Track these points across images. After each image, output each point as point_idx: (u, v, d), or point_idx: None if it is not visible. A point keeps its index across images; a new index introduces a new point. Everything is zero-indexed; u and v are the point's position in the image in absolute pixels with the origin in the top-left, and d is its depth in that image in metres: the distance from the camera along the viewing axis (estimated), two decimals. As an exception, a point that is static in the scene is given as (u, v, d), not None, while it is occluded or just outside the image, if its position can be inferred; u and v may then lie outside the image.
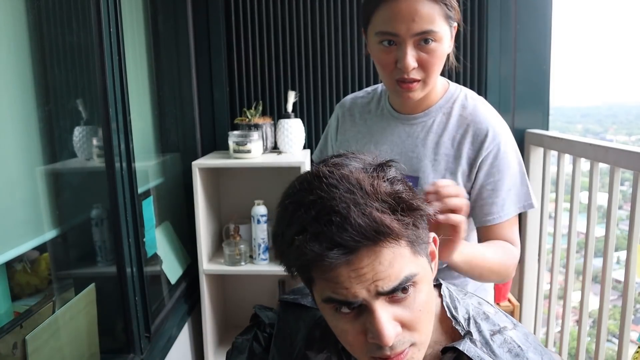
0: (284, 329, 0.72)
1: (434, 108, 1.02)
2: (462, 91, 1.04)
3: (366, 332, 0.57)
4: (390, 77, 0.94)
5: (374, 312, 0.55)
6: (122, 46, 1.35)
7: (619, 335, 1.41)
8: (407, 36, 0.88)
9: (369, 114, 1.09)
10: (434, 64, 0.92)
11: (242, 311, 2.24)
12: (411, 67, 0.89)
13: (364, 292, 0.55)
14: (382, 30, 0.90)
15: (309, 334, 0.70)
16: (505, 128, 1.01)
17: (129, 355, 1.40)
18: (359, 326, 0.57)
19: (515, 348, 0.65)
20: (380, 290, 0.55)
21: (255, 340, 0.74)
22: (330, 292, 0.56)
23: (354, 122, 1.11)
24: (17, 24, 1.10)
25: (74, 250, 1.38)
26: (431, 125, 1.01)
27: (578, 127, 9.55)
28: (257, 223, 1.89)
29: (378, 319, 0.55)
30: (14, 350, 0.96)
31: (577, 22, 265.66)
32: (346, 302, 0.55)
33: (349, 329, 0.57)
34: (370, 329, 0.56)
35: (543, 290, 1.97)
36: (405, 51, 0.88)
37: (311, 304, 0.73)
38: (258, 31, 2.10)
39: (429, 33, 0.88)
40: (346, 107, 1.14)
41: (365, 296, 0.55)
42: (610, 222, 1.47)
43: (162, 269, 1.79)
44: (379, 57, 0.93)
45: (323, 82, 2.11)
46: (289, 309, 0.75)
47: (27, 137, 1.13)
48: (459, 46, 2.04)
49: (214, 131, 2.17)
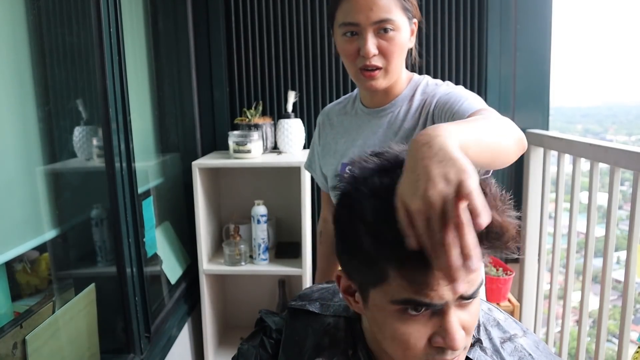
0: (292, 336, 0.71)
1: (399, 98, 1.06)
2: (424, 78, 1.08)
3: (431, 336, 0.55)
4: (354, 67, 0.99)
5: (449, 316, 0.54)
6: (122, 46, 1.35)
7: (619, 335, 1.41)
8: (367, 24, 0.94)
9: (345, 116, 1.16)
10: (393, 51, 0.97)
11: (242, 311, 2.24)
12: (371, 53, 0.95)
13: (449, 295, 0.53)
14: (344, 21, 0.96)
15: (318, 341, 0.69)
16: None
17: (129, 355, 1.40)
18: (426, 330, 0.56)
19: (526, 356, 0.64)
20: (465, 294, 0.54)
21: (261, 347, 0.73)
22: (411, 293, 0.53)
23: (332, 126, 1.17)
24: (17, 24, 1.10)
25: (74, 250, 1.38)
26: (398, 113, 1.05)
27: (578, 127, 9.55)
28: (257, 223, 1.88)
29: (453, 323, 0.54)
30: (14, 350, 0.96)
31: (577, 22, 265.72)
32: (429, 304, 0.54)
33: (413, 332, 0.56)
34: (441, 332, 0.55)
35: (543, 290, 1.97)
36: (366, 37, 0.94)
37: (319, 310, 0.72)
38: (258, 31, 2.10)
39: (387, 21, 0.94)
40: (325, 115, 1.21)
41: (449, 299, 0.54)
42: (610, 222, 1.47)
43: (162, 269, 1.79)
44: (343, 48, 0.99)
45: (323, 82, 2.11)
46: (297, 316, 0.74)
47: (27, 137, 1.13)
48: (459, 46, 2.04)
49: (214, 131, 2.17)
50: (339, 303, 0.73)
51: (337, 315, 0.71)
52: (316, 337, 0.69)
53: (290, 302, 0.77)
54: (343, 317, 0.70)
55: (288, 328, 0.73)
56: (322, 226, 1.36)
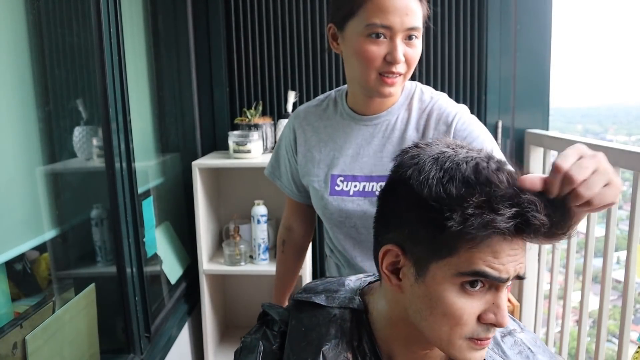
0: (298, 327, 0.72)
1: (396, 106, 1.03)
2: (417, 86, 1.05)
3: (482, 313, 0.59)
4: (374, 71, 0.93)
5: (502, 293, 0.59)
6: (122, 46, 1.35)
7: (619, 335, 1.41)
8: (400, 29, 0.90)
9: (328, 121, 1.08)
10: (415, 59, 0.95)
11: (242, 311, 2.24)
12: (401, 60, 0.92)
13: (513, 271, 0.57)
14: (374, 22, 0.90)
15: (324, 332, 0.70)
16: (464, 107, 1.03)
17: (129, 355, 1.40)
18: (479, 305, 0.59)
19: (525, 350, 0.66)
20: (520, 274, 0.58)
21: (264, 339, 0.73)
22: (484, 265, 0.57)
23: (316, 131, 1.08)
24: (17, 24, 1.10)
25: (74, 250, 1.38)
26: (395, 122, 1.02)
27: (578, 127, 9.54)
28: (257, 223, 1.88)
29: (505, 300, 0.59)
30: (14, 350, 0.96)
31: (577, 23, 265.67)
32: (497, 277, 0.57)
33: (467, 308, 0.59)
34: (493, 309, 0.58)
35: (543, 290, 1.97)
36: (397, 43, 0.91)
37: (325, 302, 0.73)
38: (258, 31, 2.10)
39: (415, 29, 0.91)
40: (302, 117, 1.11)
41: (511, 275, 0.58)
42: (610, 222, 1.47)
43: (162, 269, 1.79)
44: (365, 49, 0.92)
45: (323, 82, 2.11)
46: (302, 308, 0.74)
47: (27, 137, 1.13)
48: (459, 46, 2.04)
49: (214, 131, 2.17)
50: (344, 295, 0.73)
51: (343, 307, 0.72)
52: (322, 328, 0.70)
53: (295, 294, 0.77)
54: (349, 309, 0.71)
55: (294, 319, 0.73)
56: (286, 235, 1.27)
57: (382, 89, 0.95)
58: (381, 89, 0.95)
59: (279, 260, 1.31)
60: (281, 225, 1.29)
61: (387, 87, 0.94)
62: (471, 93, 2.05)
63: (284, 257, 1.29)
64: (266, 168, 1.23)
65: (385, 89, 0.95)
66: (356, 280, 0.77)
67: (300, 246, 1.29)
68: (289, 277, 1.31)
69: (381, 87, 0.95)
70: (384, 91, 0.95)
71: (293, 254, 1.29)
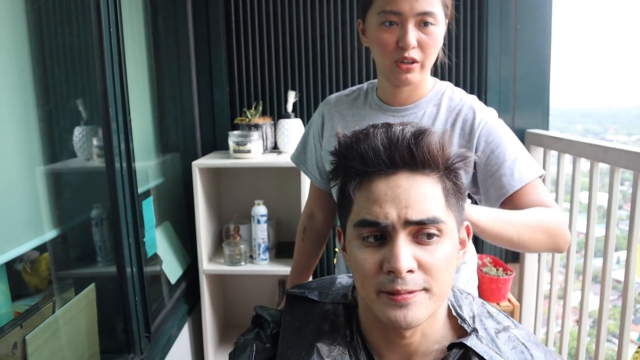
0: (292, 323, 0.73)
1: (424, 100, 1.03)
2: (448, 86, 1.06)
3: (383, 263, 0.59)
4: (389, 58, 0.95)
5: (396, 240, 0.59)
6: (122, 46, 1.35)
7: (619, 335, 1.41)
8: (410, 15, 0.91)
9: (357, 109, 1.09)
10: (432, 46, 0.95)
11: (242, 311, 2.25)
12: (412, 45, 0.92)
13: (395, 214, 0.59)
14: (385, 9, 0.92)
15: (318, 327, 0.71)
16: (493, 112, 1.03)
17: (129, 355, 1.40)
18: (379, 257, 0.60)
19: (519, 345, 0.67)
20: (409, 218, 0.59)
21: (257, 339, 0.74)
22: (365, 213, 0.60)
23: (344, 119, 1.10)
24: (17, 24, 1.10)
25: (74, 250, 1.38)
26: (422, 116, 1.02)
27: (578, 127, 9.55)
28: (257, 223, 1.89)
29: (398, 246, 0.58)
30: (14, 350, 0.96)
31: (578, 23, 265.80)
32: (376, 222, 0.59)
33: (367, 258, 0.60)
34: (388, 256, 0.59)
35: (543, 290, 1.97)
36: (407, 28, 0.91)
37: (318, 297, 0.74)
38: (258, 31, 2.10)
39: (429, 14, 0.92)
40: (332, 104, 1.13)
41: (394, 220, 0.59)
42: (610, 222, 1.47)
43: (162, 269, 1.79)
44: (379, 37, 0.94)
45: (323, 82, 2.11)
46: (296, 303, 0.75)
47: (27, 137, 1.13)
48: (459, 46, 2.04)
49: (214, 131, 2.17)
50: (337, 291, 0.75)
51: (336, 302, 0.73)
52: (316, 323, 0.71)
53: (290, 290, 0.78)
54: (342, 304, 0.73)
55: (287, 315, 0.74)
56: (307, 222, 1.29)
57: (398, 75, 0.96)
58: (398, 75, 0.96)
59: (298, 250, 1.32)
60: (303, 212, 1.32)
61: (403, 73, 0.95)
62: (471, 93, 2.04)
63: (303, 245, 1.31)
64: (292, 155, 1.26)
65: (402, 75, 0.95)
66: (348, 278, 0.79)
67: (321, 234, 1.30)
68: (306, 269, 1.33)
69: (398, 74, 0.96)
70: (400, 78, 0.96)
71: (313, 243, 1.30)
